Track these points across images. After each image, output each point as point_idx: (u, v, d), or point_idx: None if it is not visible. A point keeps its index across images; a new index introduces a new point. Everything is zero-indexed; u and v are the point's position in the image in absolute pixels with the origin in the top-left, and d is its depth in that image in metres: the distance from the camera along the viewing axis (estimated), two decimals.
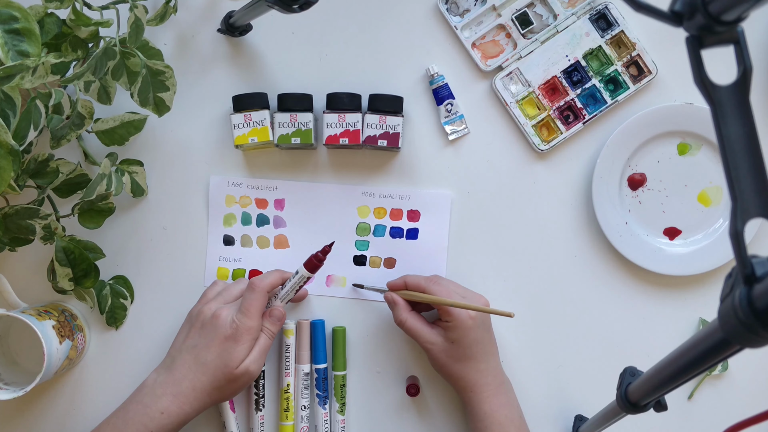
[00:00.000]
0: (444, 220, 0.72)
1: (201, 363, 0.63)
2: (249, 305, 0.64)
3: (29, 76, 0.52)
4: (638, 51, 0.70)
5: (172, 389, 0.63)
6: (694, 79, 0.35)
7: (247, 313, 0.63)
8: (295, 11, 0.57)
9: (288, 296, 0.67)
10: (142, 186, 0.71)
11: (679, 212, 0.71)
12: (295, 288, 0.67)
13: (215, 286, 0.70)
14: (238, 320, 0.63)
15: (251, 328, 0.63)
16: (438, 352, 0.65)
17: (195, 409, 0.63)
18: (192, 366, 0.63)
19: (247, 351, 0.63)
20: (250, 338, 0.63)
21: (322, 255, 0.65)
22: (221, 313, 0.64)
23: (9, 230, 0.65)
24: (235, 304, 0.66)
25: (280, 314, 0.66)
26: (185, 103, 0.72)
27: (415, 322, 0.66)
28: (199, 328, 0.65)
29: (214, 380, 0.63)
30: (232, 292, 0.67)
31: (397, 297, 0.67)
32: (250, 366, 0.63)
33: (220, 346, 0.63)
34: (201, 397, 0.63)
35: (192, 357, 0.64)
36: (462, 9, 0.72)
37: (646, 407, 0.51)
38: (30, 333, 0.64)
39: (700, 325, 0.71)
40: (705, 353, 0.38)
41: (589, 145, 0.72)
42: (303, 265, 0.66)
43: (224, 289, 0.68)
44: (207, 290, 0.70)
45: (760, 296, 0.31)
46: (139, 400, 0.64)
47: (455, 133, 0.72)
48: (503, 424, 0.64)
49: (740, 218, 0.33)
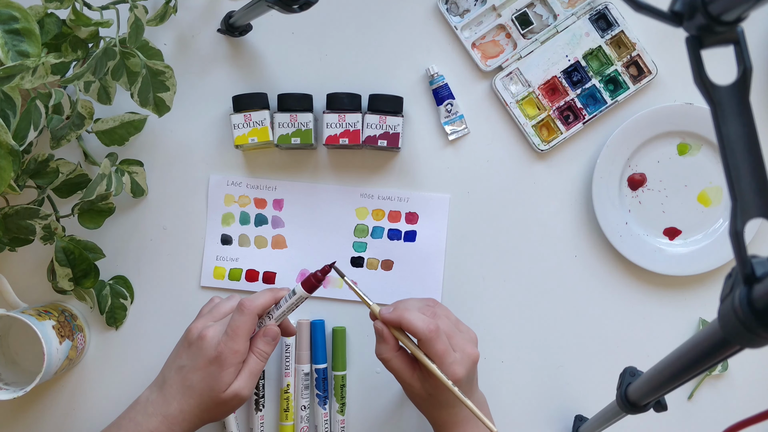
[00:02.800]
0: (442, 223, 0.72)
1: (188, 386, 0.60)
2: (237, 327, 0.60)
3: (29, 77, 0.52)
4: (638, 51, 0.70)
5: (162, 410, 0.61)
6: (694, 79, 0.35)
7: (234, 336, 0.60)
8: (295, 11, 0.57)
9: (283, 316, 0.63)
10: (142, 186, 0.71)
11: (679, 212, 0.71)
12: (292, 308, 0.62)
13: (210, 303, 0.67)
14: (223, 343, 0.59)
15: (237, 352, 0.60)
16: (413, 394, 0.62)
17: (185, 430, 0.61)
18: (180, 388, 0.61)
19: (234, 375, 0.60)
20: (236, 361, 0.60)
21: (321, 275, 0.60)
22: (207, 334, 0.60)
23: (9, 230, 0.65)
24: (224, 322, 0.62)
25: (275, 333, 0.62)
26: (185, 103, 0.72)
27: (398, 363, 0.61)
28: (187, 347, 0.62)
29: (201, 404, 0.60)
30: (221, 309, 0.64)
31: (387, 333, 0.60)
32: (240, 390, 0.60)
33: (205, 370, 0.60)
34: (190, 419, 0.61)
35: (180, 378, 0.61)
36: (462, 9, 0.72)
37: (646, 407, 0.51)
38: (30, 333, 0.64)
39: (700, 325, 0.71)
40: (705, 353, 0.38)
41: (589, 146, 0.72)
42: (300, 284, 0.61)
43: (215, 306, 0.65)
44: (203, 306, 0.67)
45: (760, 296, 0.31)
46: (132, 417, 0.62)
47: (455, 133, 0.72)
48: None
49: (740, 218, 0.33)
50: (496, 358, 0.71)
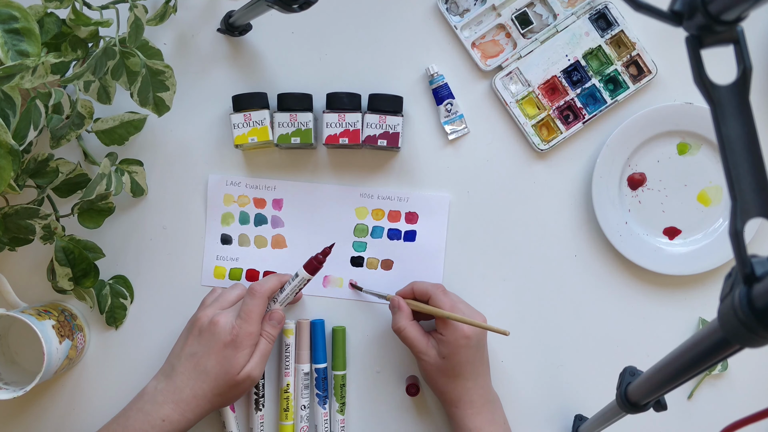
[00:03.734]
0: (442, 223, 0.72)
1: (201, 371, 0.63)
2: (250, 310, 0.63)
3: (29, 76, 0.52)
4: (638, 51, 0.70)
5: (173, 397, 0.62)
6: (694, 78, 0.35)
7: (248, 319, 0.63)
8: (295, 11, 0.57)
9: (287, 299, 0.67)
10: (141, 186, 0.71)
11: (678, 212, 0.71)
12: (295, 291, 0.66)
13: (213, 293, 0.69)
14: (238, 326, 0.63)
15: (252, 334, 0.63)
16: (428, 365, 0.65)
17: (197, 415, 0.63)
18: (192, 374, 0.63)
19: (248, 356, 0.63)
20: (250, 343, 0.63)
21: (322, 257, 0.64)
22: (219, 320, 0.63)
23: (9, 230, 0.65)
24: (233, 309, 0.65)
25: (280, 317, 0.66)
26: (185, 102, 0.72)
27: (413, 330, 0.66)
28: (197, 335, 0.64)
29: (216, 387, 0.63)
30: (228, 298, 0.67)
31: (403, 303, 0.67)
32: (251, 371, 0.63)
33: (220, 353, 0.62)
34: (203, 404, 0.63)
35: (192, 364, 0.63)
36: (462, 9, 0.72)
37: (646, 407, 0.51)
38: (30, 333, 0.64)
39: (700, 325, 0.71)
40: (705, 353, 0.38)
41: (589, 145, 0.72)
42: (303, 266, 0.65)
43: (220, 295, 0.68)
44: (205, 297, 0.69)
45: (760, 296, 0.31)
46: (140, 407, 0.63)
47: (455, 132, 0.72)
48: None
49: (740, 218, 0.33)
50: (496, 358, 0.71)
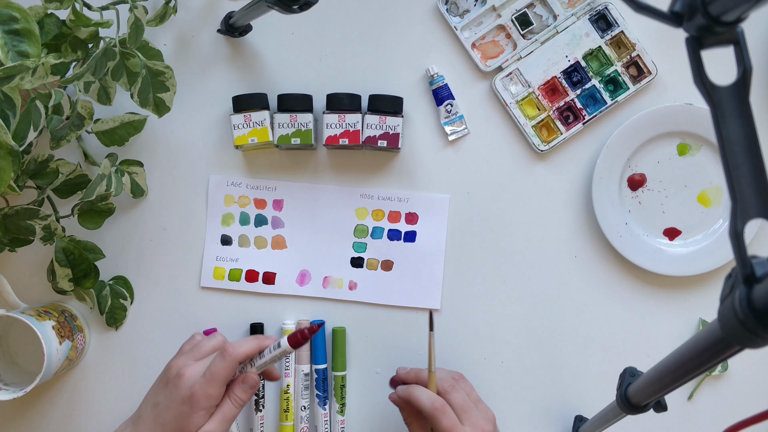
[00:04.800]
0: (442, 224, 0.72)
1: (160, 423, 0.60)
2: (215, 372, 0.59)
3: (29, 77, 0.52)
4: (638, 51, 0.70)
5: None
6: (694, 79, 0.35)
7: (211, 381, 0.58)
8: (295, 12, 0.57)
9: (264, 367, 0.61)
10: (141, 186, 0.71)
11: (679, 213, 0.71)
12: (275, 360, 0.61)
13: (192, 340, 0.66)
14: (198, 385, 0.58)
15: (210, 396, 0.58)
16: None
17: None
18: (152, 425, 0.60)
19: (205, 418, 0.59)
20: (207, 405, 0.59)
21: (309, 334, 0.59)
22: (185, 372, 0.59)
23: (9, 231, 0.65)
24: (205, 362, 0.61)
25: (254, 382, 0.61)
26: (185, 103, 0.72)
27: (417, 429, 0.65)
28: (164, 384, 0.61)
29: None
30: (203, 349, 0.63)
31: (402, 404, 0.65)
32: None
33: (178, 408, 0.59)
34: None
35: (154, 415, 0.60)
36: (462, 9, 0.72)
37: (646, 408, 0.51)
38: (30, 333, 0.64)
39: (700, 326, 0.71)
40: (705, 353, 0.38)
41: (589, 146, 0.72)
42: (287, 338, 0.59)
43: (197, 344, 0.63)
44: (184, 343, 0.65)
45: (760, 297, 0.31)
46: None
47: (455, 133, 0.72)
48: None
49: (740, 218, 0.33)
50: (496, 358, 0.71)
